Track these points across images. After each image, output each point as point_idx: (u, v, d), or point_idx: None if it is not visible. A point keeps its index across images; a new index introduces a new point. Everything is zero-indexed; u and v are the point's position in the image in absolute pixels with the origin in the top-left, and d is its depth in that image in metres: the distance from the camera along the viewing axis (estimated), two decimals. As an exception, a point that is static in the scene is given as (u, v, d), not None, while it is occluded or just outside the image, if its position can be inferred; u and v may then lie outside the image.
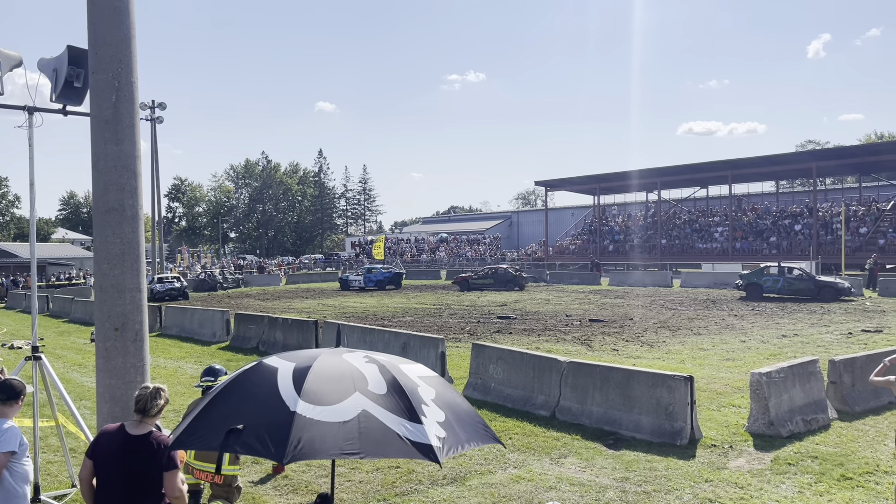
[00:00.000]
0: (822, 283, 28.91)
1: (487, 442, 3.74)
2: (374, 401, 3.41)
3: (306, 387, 3.39)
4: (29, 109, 6.85)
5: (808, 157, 52.08)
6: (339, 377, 3.53)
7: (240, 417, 3.35)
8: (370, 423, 3.28)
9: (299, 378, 3.47)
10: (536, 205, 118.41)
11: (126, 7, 6.08)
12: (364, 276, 43.02)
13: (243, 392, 3.58)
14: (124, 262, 6.06)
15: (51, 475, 8.25)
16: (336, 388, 3.44)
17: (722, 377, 12.84)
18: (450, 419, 3.54)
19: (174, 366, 16.02)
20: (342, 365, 3.67)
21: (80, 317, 28.28)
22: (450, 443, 3.40)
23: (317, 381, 3.45)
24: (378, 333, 15.18)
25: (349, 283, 43.33)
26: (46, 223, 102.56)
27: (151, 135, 47.39)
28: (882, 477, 7.51)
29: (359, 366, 3.67)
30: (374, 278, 42.55)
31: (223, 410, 3.50)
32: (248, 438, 3.24)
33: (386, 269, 45.24)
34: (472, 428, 3.67)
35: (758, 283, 30.19)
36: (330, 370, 3.59)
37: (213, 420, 3.47)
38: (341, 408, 3.33)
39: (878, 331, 18.60)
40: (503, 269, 40.55)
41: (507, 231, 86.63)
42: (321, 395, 3.37)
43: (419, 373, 3.85)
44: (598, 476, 7.76)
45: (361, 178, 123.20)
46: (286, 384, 3.44)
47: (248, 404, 3.46)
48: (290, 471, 8.11)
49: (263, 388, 3.49)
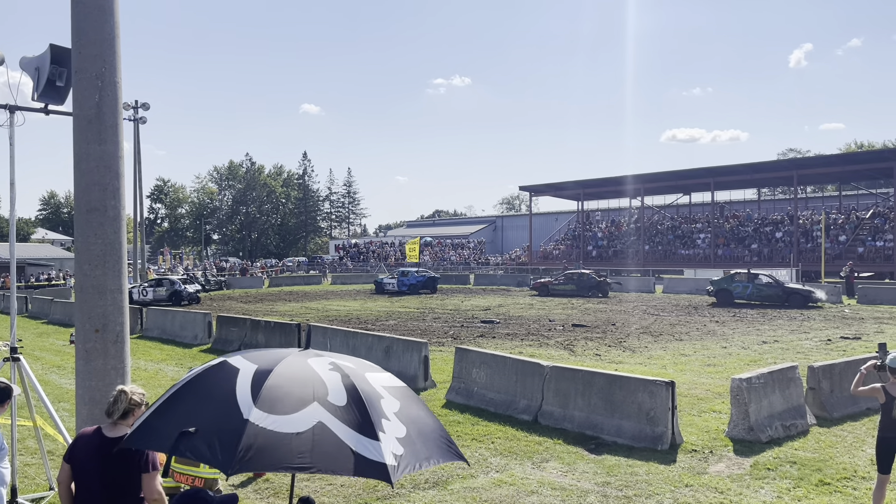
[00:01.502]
0: (791, 290, 29.59)
1: (450, 459, 3.62)
2: (332, 413, 3.29)
3: (263, 393, 3.27)
4: (10, 108, 6.77)
5: (789, 166, 52.65)
6: (301, 384, 3.41)
7: (195, 419, 3.24)
8: (325, 436, 3.17)
9: (258, 383, 3.35)
10: (521, 210, 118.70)
11: (111, 6, 6.04)
12: (398, 280, 41.50)
13: (201, 392, 3.47)
14: (105, 262, 6.01)
15: (28, 478, 8.15)
16: (294, 396, 3.32)
17: (703, 382, 12.93)
18: (411, 434, 3.44)
19: (155, 368, 15.88)
20: (305, 371, 3.54)
21: (59, 318, 27.95)
22: (407, 460, 3.29)
23: (275, 388, 3.33)
24: (361, 337, 15.13)
25: (383, 287, 41.78)
26: (26, 223, 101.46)
27: (134, 135, 47.06)
28: (860, 482, 7.60)
29: (322, 373, 3.54)
30: (407, 282, 41.02)
31: (179, 410, 3.39)
32: (198, 443, 3.14)
33: (420, 272, 42.89)
34: (434, 444, 3.55)
35: (727, 289, 30.85)
36: (291, 376, 3.46)
37: (168, 420, 3.36)
38: (296, 418, 3.21)
39: (856, 338, 18.82)
40: (586, 275, 37.71)
41: (492, 236, 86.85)
42: (277, 404, 3.25)
43: (385, 382, 3.73)
44: (579, 480, 7.78)
45: (346, 181, 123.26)
46: (244, 389, 3.33)
47: (203, 406, 3.35)
48: (272, 474, 8.06)
49: (221, 390, 3.37)
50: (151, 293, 35.73)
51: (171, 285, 36.36)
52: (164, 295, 35.40)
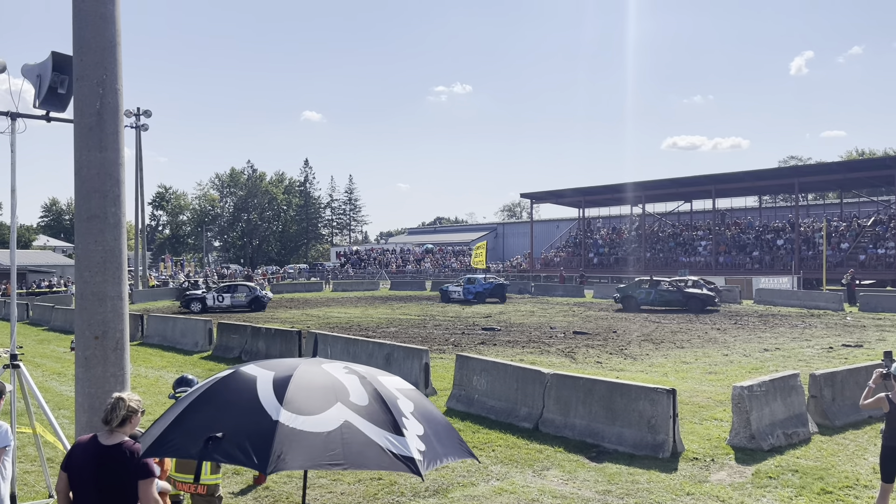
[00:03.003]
0: (690, 295, 31.22)
1: (463, 456, 3.74)
2: (357, 412, 3.37)
3: (288, 396, 3.33)
4: (12, 115, 6.79)
5: (790, 173, 52.68)
6: (321, 387, 3.49)
7: (218, 425, 3.28)
8: (353, 435, 3.25)
9: (280, 387, 3.41)
10: (522, 217, 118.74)
11: (112, 14, 6.06)
12: (464, 288, 38.79)
13: (221, 400, 3.50)
14: (106, 269, 6.00)
15: (27, 485, 8.13)
16: (318, 397, 3.40)
17: (704, 390, 12.90)
18: (428, 433, 3.52)
19: (155, 375, 15.86)
20: (323, 375, 3.63)
21: (60, 325, 27.96)
22: (429, 456, 3.38)
23: (298, 390, 3.40)
24: (362, 344, 15.12)
25: (449, 295, 39.33)
26: (28, 230, 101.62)
27: (136, 142, 47.21)
28: (862, 491, 7.56)
29: (339, 376, 3.63)
30: (474, 290, 38.29)
31: (200, 418, 3.42)
32: (229, 447, 3.17)
33: (489, 279, 39.74)
34: (449, 442, 3.66)
35: (632, 295, 32.40)
36: (311, 380, 3.54)
37: (190, 428, 3.39)
38: (324, 418, 3.28)
39: (858, 346, 18.78)
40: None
41: (493, 243, 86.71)
42: (303, 405, 3.31)
43: (397, 385, 3.81)
44: (580, 489, 7.75)
45: (347, 188, 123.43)
46: (266, 393, 3.38)
47: (226, 412, 3.38)
48: (272, 482, 8.04)
49: (243, 396, 3.42)
50: (229, 299, 34.13)
51: (250, 291, 34.94)
52: (243, 301, 34.07)
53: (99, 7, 6.00)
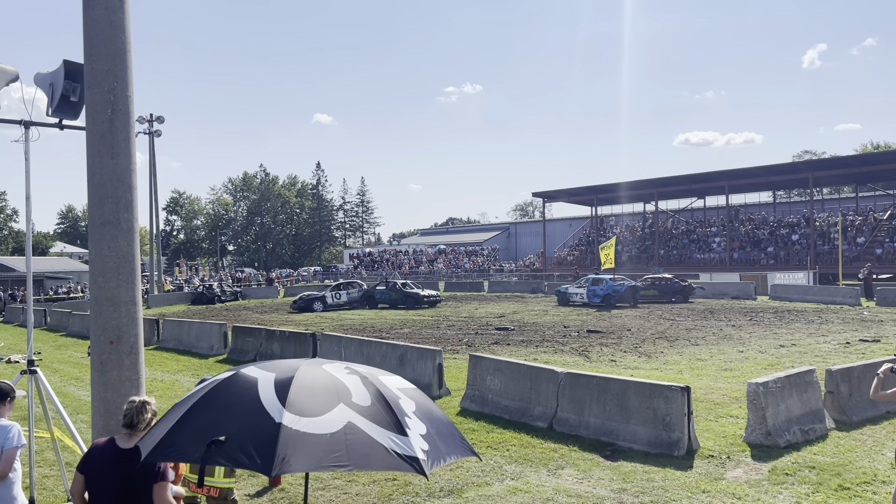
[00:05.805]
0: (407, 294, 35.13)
1: (466, 455, 3.75)
2: (360, 412, 3.38)
3: (291, 397, 3.33)
4: (25, 124, 6.87)
5: (804, 168, 52.19)
6: (323, 388, 3.49)
7: (221, 428, 3.28)
8: (356, 436, 3.25)
9: (282, 389, 3.40)
10: (534, 216, 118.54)
11: (122, 22, 6.13)
12: (588, 290, 33.31)
13: (222, 403, 3.49)
14: (119, 275, 6.07)
15: (46, 489, 8.22)
16: (321, 399, 3.40)
17: (719, 387, 12.82)
18: (431, 432, 3.53)
19: (171, 379, 15.98)
20: (324, 376, 3.62)
21: (77, 330, 28.22)
22: (433, 455, 3.38)
23: (301, 391, 3.40)
24: (375, 345, 15.16)
25: (569, 298, 34.11)
26: (45, 237, 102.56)
27: (149, 148, 47.57)
28: (880, 487, 7.50)
29: (341, 377, 3.63)
30: (600, 292, 32.68)
31: (201, 421, 3.41)
32: (232, 450, 3.18)
33: (618, 281, 33.53)
34: (451, 440, 3.67)
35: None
36: (313, 381, 3.53)
37: (191, 432, 3.39)
38: (327, 419, 3.28)
39: (875, 340, 18.60)
40: (669, 280, 35.62)
41: (506, 242, 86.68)
42: (306, 406, 3.32)
43: (398, 385, 3.82)
44: (595, 487, 7.74)
45: (359, 191, 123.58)
46: (269, 395, 3.38)
47: (228, 415, 3.38)
48: (287, 484, 8.08)
49: (244, 398, 3.41)
50: (345, 296, 36.70)
51: (360, 288, 37.71)
52: (356, 296, 36.79)
53: (108, 15, 6.07)
